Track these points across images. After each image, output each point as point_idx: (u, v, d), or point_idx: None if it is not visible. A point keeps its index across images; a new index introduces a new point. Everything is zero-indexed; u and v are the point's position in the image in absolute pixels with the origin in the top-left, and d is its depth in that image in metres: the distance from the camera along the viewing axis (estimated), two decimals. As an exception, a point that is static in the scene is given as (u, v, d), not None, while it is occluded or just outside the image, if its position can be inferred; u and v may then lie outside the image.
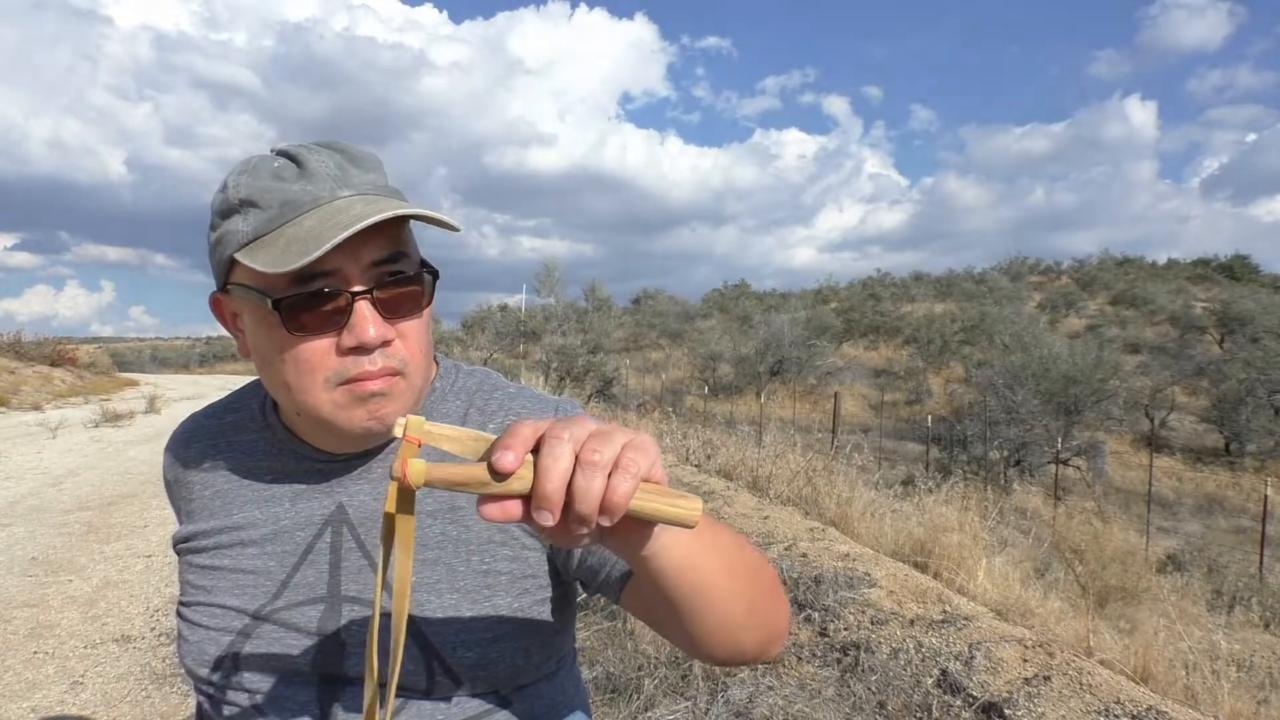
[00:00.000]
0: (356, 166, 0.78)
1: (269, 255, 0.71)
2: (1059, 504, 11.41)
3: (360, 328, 0.73)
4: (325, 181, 0.75)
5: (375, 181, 0.78)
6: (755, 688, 2.87)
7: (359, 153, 0.80)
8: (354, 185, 0.76)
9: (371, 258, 0.74)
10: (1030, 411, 16.55)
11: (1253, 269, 46.42)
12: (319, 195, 0.74)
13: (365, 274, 0.74)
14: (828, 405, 17.63)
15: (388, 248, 0.75)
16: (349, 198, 0.74)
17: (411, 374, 0.78)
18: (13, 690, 3.14)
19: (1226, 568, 9.13)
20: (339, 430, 0.79)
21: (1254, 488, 14.83)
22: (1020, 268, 49.05)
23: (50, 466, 8.23)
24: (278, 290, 0.73)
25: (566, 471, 0.49)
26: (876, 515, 5.70)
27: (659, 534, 0.59)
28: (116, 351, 56.07)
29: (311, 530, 0.84)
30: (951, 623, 3.24)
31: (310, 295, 0.73)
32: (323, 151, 0.77)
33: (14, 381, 16.49)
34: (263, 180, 0.75)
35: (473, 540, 0.82)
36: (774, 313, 31.32)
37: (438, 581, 0.80)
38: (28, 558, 4.89)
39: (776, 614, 0.76)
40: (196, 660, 0.83)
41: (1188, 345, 28.55)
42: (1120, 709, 2.48)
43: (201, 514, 0.88)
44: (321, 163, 0.76)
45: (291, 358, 0.75)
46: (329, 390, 0.75)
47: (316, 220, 0.71)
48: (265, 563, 0.84)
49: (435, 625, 0.78)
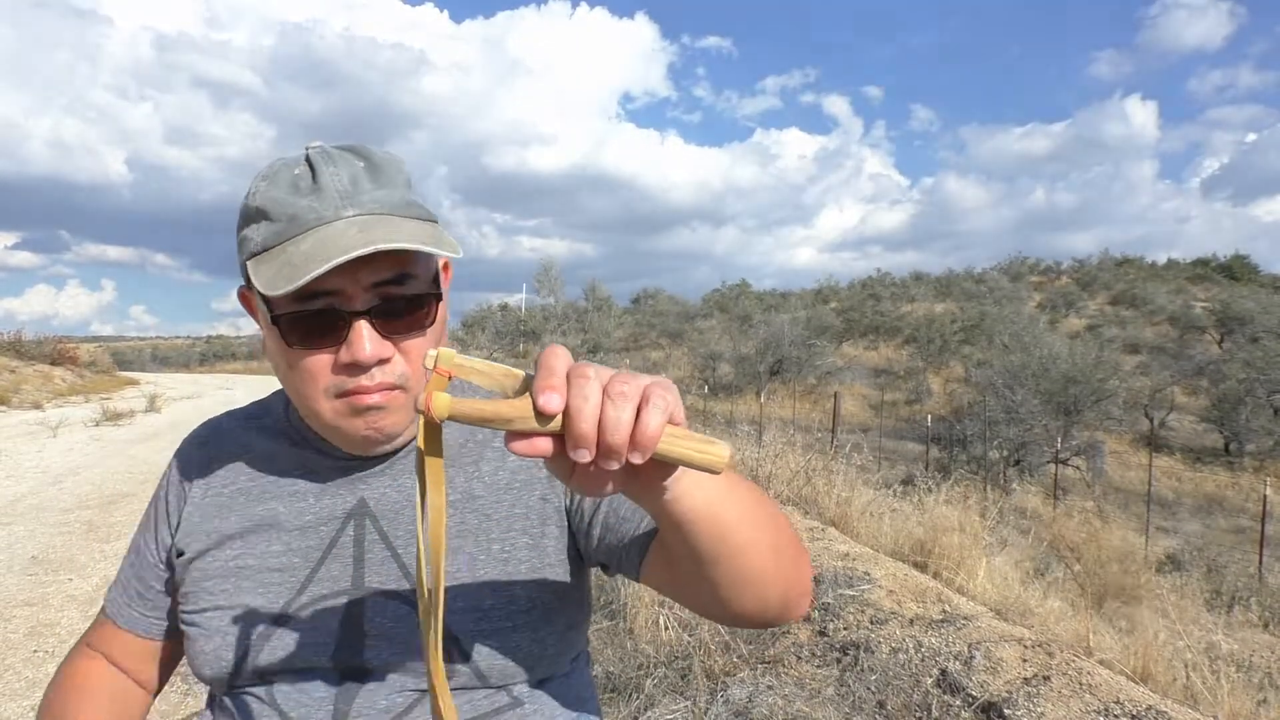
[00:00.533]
0: (373, 179, 0.78)
1: (267, 274, 0.74)
2: (1058, 504, 11.42)
3: (356, 346, 0.75)
4: (331, 199, 0.76)
5: (386, 198, 0.78)
6: (755, 687, 2.88)
7: (381, 161, 0.80)
8: (360, 204, 0.76)
9: (372, 279, 0.76)
10: (1030, 411, 16.55)
11: (1252, 269, 46.45)
12: (323, 214, 0.75)
13: (367, 293, 0.76)
14: (827, 405, 17.64)
15: (389, 270, 0.76)
16: (351, 218, 0.75)
17: (413, 387, 0.80)
18: (13, 689, 3.15)
19: (1226, 567, 9.14)
20: (341, 437, 0.82)
21: (1253, 487, 14.84)
22: (1020, 268, 49.09)
23: (50, 465, 8.23)
24: (280, 305, 0.76)
25: (597, 408, 0.48)
26: (876, 515, 5.71)
27: (681, 478, 0.59)
28: (117, 350, 56.06)
29: (335, 525, 0.85)
30: (951, 622, 3.24)
31: (310, 313, 0.76)
32: (343, 160, 0.78)
33: (14, 380, 16.49)
34: (278, 190, 0.77)
35: (493, 530, 0.84)
36: (774, 312, 31.34)
37: (458, 571, 0.81)
38: (28, 556, 4.90)
39: (799, 567, 0.75)
40: (214, 666, 0.83)
41: (1187, 345, 28.57)
42: (1120, 709, 2.48)
43: (222, 513, 0.89)
44: (335, 176, 0.77)
45: (295, 367, 0.78)
46: (329, 400, 0.78)
47: (312, 244, 0.73)
48: (290, 559, 0.84)
49: (455, 614, 0.80)
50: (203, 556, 0.87)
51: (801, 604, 0.76)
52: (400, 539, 0.83)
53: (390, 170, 0.80)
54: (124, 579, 0.96)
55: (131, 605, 0.95)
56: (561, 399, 0.48)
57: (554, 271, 36.74)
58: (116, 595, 0.97)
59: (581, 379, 0.49)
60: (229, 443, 0.93)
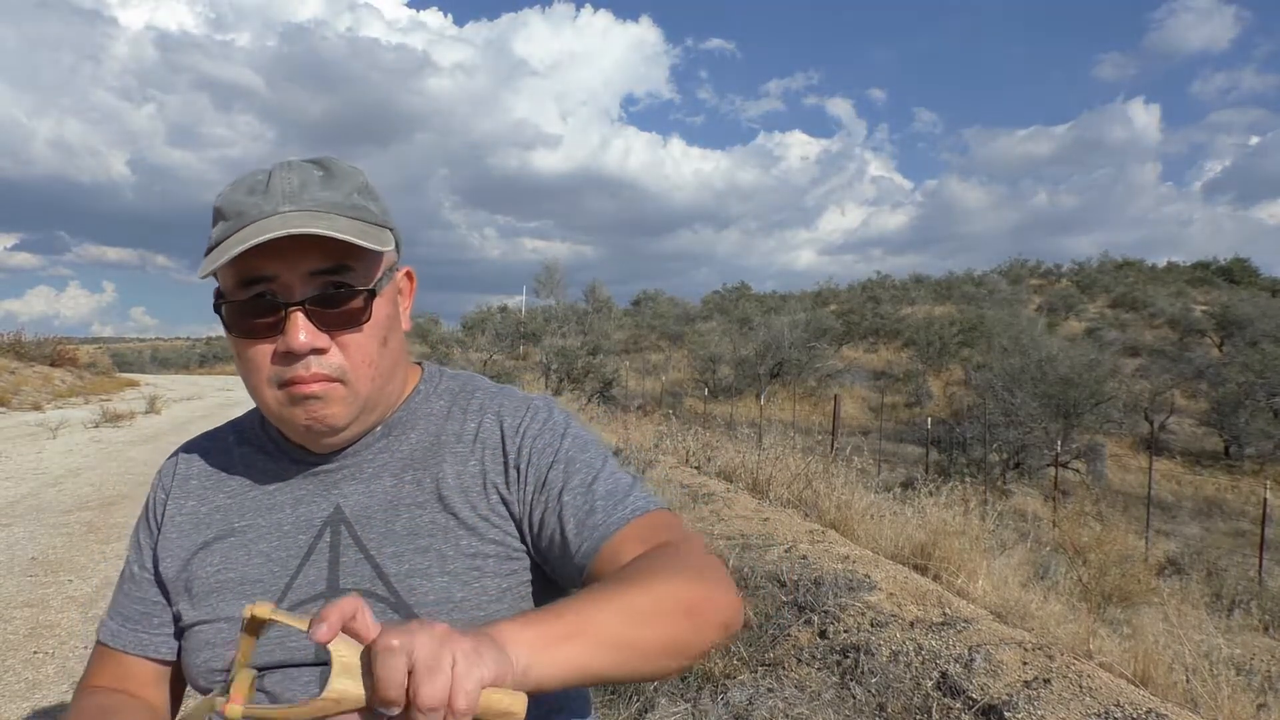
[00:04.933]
0: (324, 184, 0.83)
1: (205, 262, 0.81)
2: (1058, 507, 11.41)
3: (290, 335, 0.79)
4: (275, 198, 0.80)
5: (328, 199, 0.82)
6: (755, 690, 2.88)
7: (338, 170, 0.85)
8: (299, 201, 0.80)
9: (310, 267, 0.80)
10: (1029, 414, 16.56)
11: (1252, 272, 46.46)
12: (264, 209, 0.79)
13: (305, 283, 0.80)
14: (827, 407, 17.64)
15: (326, 260, 0.80)
16: (286, 213, 0.79)
17: (354, 381, 0.83)
18: (13, 690, 3.15)
19: (1226, 571, 9.13)
20: (288, 427, 0.86)
21: (1253, 491, 14.83)
22: (1020, 270, 49.11)
23: (50, 466, 8.22)
24: (228, 295, 0.82)
25: (403, 684, 0.52)
26: (876, 518, 5.71)
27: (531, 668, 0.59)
28: (117, 352, 56.06)
29: (311, 533, 0.88)
30: (951, 625, 3.24)
31: (249, 302, 0.81)
32: (301, 169, 0.84)
33: (14, 381, 16.48)
34: (235, 193, 0.82)
35: (463, 525, 0.86)
36: (774, 315, 31.30)
37: (429, 567, 0.84)
38: (28, 558, 4.89)
39: (703, 635, 0.72)
40: (207, 678, 0.86)
41: (1187, 348, 28.56)
42: (1120, 712, 2.48)
43: (200, 530, 0.91)
44: (286, 180, 0.82)
45: (241, 357, 0.84)
46: (272, 389, 0.82)
47: (245, 233, 0.78)
48: (270, 569, 0.87)
49: (428, 609, 0.82)
50: (185, 574, 0.90)
51: (731, 629, 0.75)
52: (373, 541, 0.86)
53: (343, 177, 0.85)
54: (121, 607, 0.95)
55: (137, 630, 0.94)
56: (330, 628, 0.53)
57: (557, 273, 36.73)
58: (116, 626, 0.94)
59: (387, 651, 0.52)
60: (204, 462, 0.97)
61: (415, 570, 0.83)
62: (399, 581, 0.83)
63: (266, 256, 0.78)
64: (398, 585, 0.83)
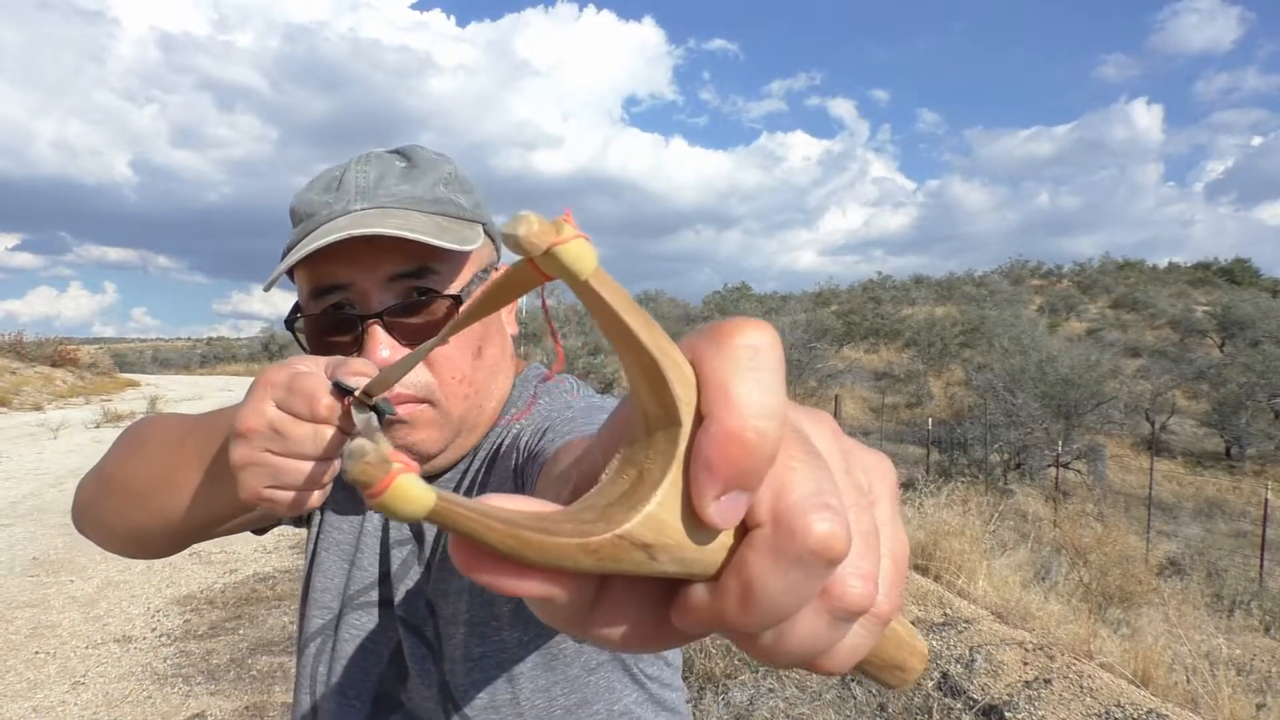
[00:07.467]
0: (404, 176, 0.75)
1: (275, 271, 0.72)
2: (1059, 507, 11.41)
3: (371, 352, 0.69)
4: (347, 194, 0.73)
5: (407, 193, 0.74)
6: (756, 690, 2.88)
7: (422, 160, 0.77)
8: (373, 198, 0.72)
9: (388, 271, 0.71)
10: (1030, 414, 16.54)
11: (1253, 273, 46.42)
12: (334, 209, 0.72)
13: (384, 289, 0.71)
14: (828, 408, 17.64)
15: (407, 262, 0.71)
16: (358, 211, 0.71)
17: (444, 401, 0.73)
18: (15, 690, 3.15)
19: (1226, 572, 9.13)
20: None
21: (1254, 491, 14.82)
22: (1021, 271, 49.08)
23: (51, 467, 8.23)
24: (304, 307, 0.74)
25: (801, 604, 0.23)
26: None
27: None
28: (118, 352, 56.04)
29: (377, 537, 0.82)
30: (952, 625, 3.24)
31: (323, 316, 0.72)
32: (380, 160, 0.76)
33: (15, 382, 16.49)
34: (311, 192, 0.75)
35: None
36: (774, 315, 31.29)
37: (455, 615, 0.75)
38: (29, 558, 4.90)
39: None
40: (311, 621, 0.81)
41: (1188, 349, 28.53)
42: (1120, 712, 2.48)
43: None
44: (362, 174, 0.74)
45: None
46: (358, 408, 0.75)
47: (312, 237, 0.70)
48: (341, 565, 0.83)
49: (450, 664, 0.74)
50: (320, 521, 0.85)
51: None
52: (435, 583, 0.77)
53: (426, 167, 0.76)
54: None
55: None
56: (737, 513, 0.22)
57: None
58: None
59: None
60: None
61: (443, 615, 0.76)
62: (443, 626, 0.76)
63: (339, 261, 0.68)
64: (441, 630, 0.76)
